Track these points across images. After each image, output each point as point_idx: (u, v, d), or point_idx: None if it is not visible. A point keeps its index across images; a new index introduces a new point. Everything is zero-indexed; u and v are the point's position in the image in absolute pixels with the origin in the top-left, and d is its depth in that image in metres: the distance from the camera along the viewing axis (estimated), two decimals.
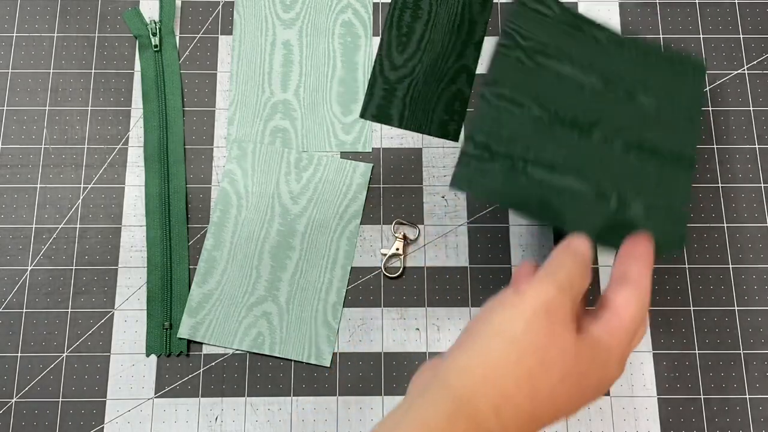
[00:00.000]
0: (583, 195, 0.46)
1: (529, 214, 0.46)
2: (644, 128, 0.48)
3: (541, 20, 0.49)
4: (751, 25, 0.55)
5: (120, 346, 0.48)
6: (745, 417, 0.47)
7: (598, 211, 0.46)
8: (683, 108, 0.48)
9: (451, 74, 0.50)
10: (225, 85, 0.54)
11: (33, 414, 0.47)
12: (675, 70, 0.49)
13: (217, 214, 0.50)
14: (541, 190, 0.46)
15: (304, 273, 0.49)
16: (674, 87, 0.48)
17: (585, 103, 0.47)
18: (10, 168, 0.51)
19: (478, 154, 0.46)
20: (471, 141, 0.47)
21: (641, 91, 0.48)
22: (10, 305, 0.49)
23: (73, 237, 0.50)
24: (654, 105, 0.48)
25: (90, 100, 0.53)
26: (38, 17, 0.55)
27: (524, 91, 0.48)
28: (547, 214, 0.46)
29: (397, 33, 0.51)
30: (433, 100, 0.50)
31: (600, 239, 0.45)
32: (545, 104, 0.47)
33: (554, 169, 0.47)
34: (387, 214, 0.51)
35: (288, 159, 0.52)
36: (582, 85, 0.48)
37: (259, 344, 0.48)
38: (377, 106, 0.50)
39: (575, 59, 0.48)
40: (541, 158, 0.47)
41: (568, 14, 0.49)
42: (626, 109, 0.48)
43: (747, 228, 0.50)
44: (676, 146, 0.47)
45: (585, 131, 0.47)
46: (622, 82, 0.48)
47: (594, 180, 0.46)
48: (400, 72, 0.50)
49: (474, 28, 0.51)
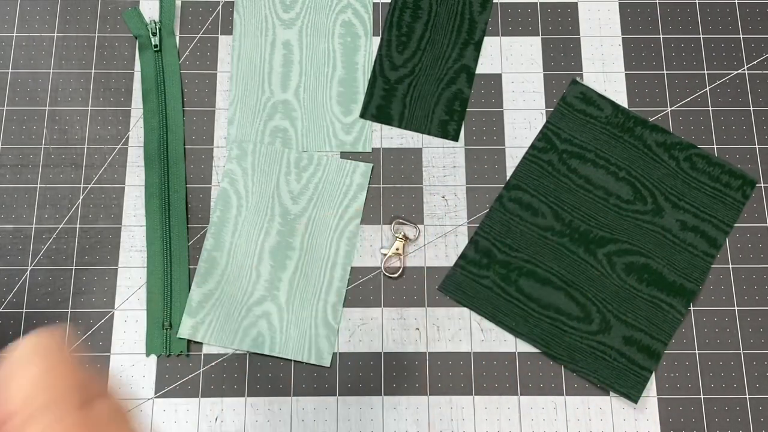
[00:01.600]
0: (567, 314, 0.47)
1: (509, 329, 0.47)
2: (657, 251, 0.47)
3: (586, 122, 0.49)
4: (751, 25, 0.55)
5: (120, 346, 0.48)
6: (745, 417, 0.47)
7: (577, 332, 0.47)
8: (710, 230, 0.48)
9: (451, 74, 0.51)
10: (225, 85, 0.54)
11: None
12: (718, 186, 0.48)
13: (217, 214, 0.50)
14: (527, 306, 0.47)
15: (304, 273, 0.49)
16: (711, 206, 0.48)
17: (605, 216, 0.48)
18: (10, 168, 0.51)
19: (477, 260, 0.48)
20: (473, 245, 0.48)
21: (672, 207, 0.48)
22: (10, 305, 0.49)
23: (73, 237, 0.50)
24: (679, 225, 0.48)
25: (90, 100, 0.53)
26: (38, 17, 0.55)
27: (544, 198, 0.48)
28: (527, 332, 0.47)
29: (397, 33, 0.51)
30: (433, 100, 0.50)
31: (569, 360, 0.46)
32: (562, 214, 0.48)
33: (547, 284, 0.47)
34: (387, 214, 0.51)
35: (288, 159, 0.52)
36: (609, 194, 0.48)
37: (259, 344, 0.48)
38: (377, 106, 0.50)
39: (612, 165, 0.48)
40: (537, 272, 0.48)
41: (622, 116, 0.49)
42: (646, 227, 0.47)
43: (747, 228, 0.50)
44: (682, 276, 0.47)
45: (592, 248, 0.47)
46: (655, 194, 0.48)
47: (584, 301, 0.47)
48: (400, 72, 0.50)
49: (474, 27, 0.51)
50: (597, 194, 0.48)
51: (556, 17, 0.55)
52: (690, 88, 0.54)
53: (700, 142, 0.52)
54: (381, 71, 0.50)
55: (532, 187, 0.48)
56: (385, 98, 0.50)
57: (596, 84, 0.53)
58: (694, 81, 0.54)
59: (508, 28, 0.54)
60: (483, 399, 0.47)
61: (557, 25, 0.55)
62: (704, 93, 0.54)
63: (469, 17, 0.51)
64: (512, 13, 0.55)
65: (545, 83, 0.54)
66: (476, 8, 0.51)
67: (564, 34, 0.55)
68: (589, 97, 0.50)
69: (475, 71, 0.50)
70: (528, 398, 0.47)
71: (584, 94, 0.50)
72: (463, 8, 0.51)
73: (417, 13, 0.51)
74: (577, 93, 0.50)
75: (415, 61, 0.51)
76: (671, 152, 0.49)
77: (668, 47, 0.55)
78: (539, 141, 0.49)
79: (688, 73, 0.54)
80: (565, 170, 0.48)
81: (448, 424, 0.47)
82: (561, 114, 0.49)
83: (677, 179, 0.48)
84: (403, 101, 0.50)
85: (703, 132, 0.53)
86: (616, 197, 0.48)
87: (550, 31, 0.55)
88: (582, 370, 0.46)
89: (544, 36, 0.54)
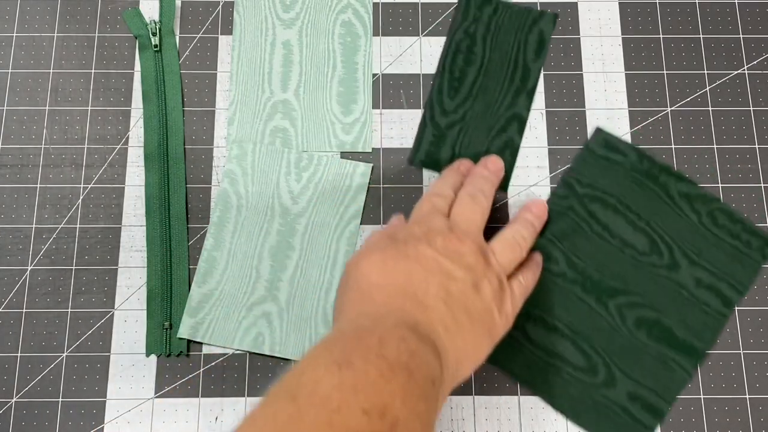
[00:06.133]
0: (572, 365, 0.46)
1: (512, 375, 0.47)
2: (670, 307, 0.46)
3: (608, 167, 0.48)
4: (751, 25, 0.55)
5: (120, 346, 0.48)
6: (745, 417, 0.47)
7: (582, 384, 0.46)
8: (726, 289, 0.47)
9: (503, 122, 0.49)
10: (225, 85, 0.54)
11: (33, 414, 0.47)
12: (738, 244, 0.47)
13: (217, 214, 0.50)
14: (533, 354, 0.46)
15: (304, 273, 0.49)
16: (728, 265, 0.47)
17: (620, 267, 0.47)
18: (10, 168, 0.51)
19: None
20: None
21: (689, 263, 0.47)
22: (10, 305, 0.49)
23: (73, 237, 0.50)
24: (694, 282, 0.46)
25: (90, 100, 0.53)
26: (38, 17, 0.55)
27: (560, 244, 0.47)
28: (530, 379, 0.46)
29: (450, 77, 0.49)
30: (483, 149, 0.48)
31: (572, 412, 0.45)
32: (576, 262, 0.47)
33: (554, 332, 0.46)
34: (387, 214, 0.51)
35: (288, 159, 0.52)
36: (626, 244, 0.47)
37: (259, 344, 0.48)
38: (426, 152, 0.49)
39: (633, 213, 0.47)
40: (545, 318, 0.46)
41: (646, 162, 0.48)
42: (661, 281, 0.46)
43: None
44: (693, 335, 0.46)
45: (604, 299, 0.46)
46: (673, 248, 0.47)
47: (591, 352, 0.46)
48: (450, 117, 0.49)
49: (527, 75, 0.49)
50: (614, 243, 0.47)
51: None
52: (690, 88, 0.54)
53: (700, 142, 0.52)
54: (431, 116, 0.49)
55: (549, 233, 0.47)
56: (435, 144, 0.48)
57: (596, 84, 0.53)
58: (694, 81, 0.54)
59: None
60: (483, 399, 0.47)
61: (557, 25, 0.55)
62: (704, 93, 0.54)
63: (523, 64, 0.49)
64: None
65: (545, 83, 0.54)
66: (530, 55, 0.49)
67: (564, 34, 0.55)
68: (613, 144, 0.49)
69: (527, 120, 0.49)
70: (528, 398, 0.47)
71: (608, 141, 0.49)
72: (516, 54, 0.49)
73: (470, 57, 0.49)
74: (600, 140, 0.49)
75: (467, 107, 0.49)
76: (694, 205, 0.47)
77: (668, 47, 0.55)
78: (560, 188, 0.48)
79: (688, 73, 0.54)
80: (585, 214, 0.47)
81: (448, 424, 0.47)
82: (584, 161, 0.48)
83: (697, 234, 0.47)
84: (453, 148, 0.48)
85: (703, 132, 0.53)
86: (633, 248, 0.47)
87: None
88: (585, 426, 0.45)
89: None
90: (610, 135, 0.50)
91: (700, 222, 0.47)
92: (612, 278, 0.46)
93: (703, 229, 0.47)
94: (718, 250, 0.47)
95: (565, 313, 0.46)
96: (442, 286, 0.38)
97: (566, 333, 0.46)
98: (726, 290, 0.47)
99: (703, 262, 0.47)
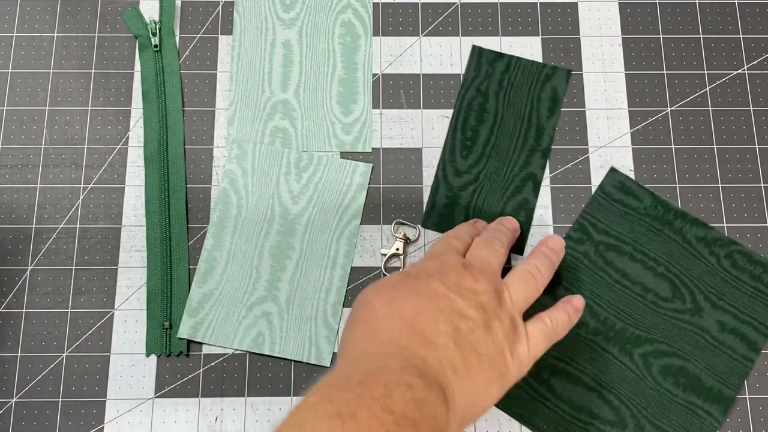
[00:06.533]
0: (600, 418, 0.44)
1: (537, 431, 0.45)
2: (695, 353, 0.45)
3: (624, 213, 0.47)
4: (751, 25, 0.55)
5: (120, 346, 0.48)
6: (745, 417, 0.47)
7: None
8: (750, 332, 0.46)
9: (517, 182, 0.48)
10: (225, 85, 0.54)
11: (33, 414, 0.47)
12: (759, 285, 0.46)
13: (217, 214, 0.50)
14: (558, 408, 0.44)
15: (304, 273, 0.49)
16: (751, 307, 0.46)
17: (642, 314, 0.46)
18: (10, 168, 0.51)
19: None
20: None
21: (711, 306, 0.46)
22: (10, 305, 0.49)
23: (73, 237, 0.50)
24: (718, 326, 0.46)
25: (90, 100, 0.53)
26: (38, 17, 0.55)
27: (579, 293, 0.46)
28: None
29: (462, 136, 0.48)
30: (498, 210, 0.48)
31: None
32: (597, 310, 0.46)
33: (579, 384, 0.45)
34: (387, 214, 0.51)
35: (288, 159, 0.52)
36: (647, 290, 0.46)
37: (259, 344, 0.48)
38: (439, 214, 0.48)
39: (651, 259, 0.46)
40: (568, 371, 0.45)
41: (661, 207, 0.47)
42: (684, 327, 0.46)
43: (747, 228, 0.50)
44: (720, 381, 0.45)
45: (628, 348, 0.45)
46: (694, 292, 0.46)
47: (617, 404, 0.44)
48: (463, 178, 0.48)
49: (541, 133, 0.49)
50: (634, 290, 0.46)
51: (556, 17, 0.55)
52: (690, 88, 0.54)
53: (700, 142, 0.52)
54: (444, 177, 0.48)
55: (566, 280, 0.46)
56: (448, 206, 0.47)
57: (596, 84, 0.53)
58: (694, 81, 0.54)
59: (508, 28, 0.54)
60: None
61: (557, 25, 0.55)
62: (704, 93, 0.54)
63: (537, 122, 0.49)
64: (512, 13, 0.55)
65: None
66: (544, 113, 0.49)
67: (564, 34, 0.55)
68: (628, 187, 0.48)
69: (542, 180, 0.48)
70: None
71: (623, 183, 0.48)
72: (530, 113, 0.48)
73: (482, 116, 0.49)
74: (615, 182, 0.48)
75: (480, 167, 0.48)
76: (712, 248, 0.47)
77: (668, 47, 0.55)
78: (575, 231, 0.47)
79: (688, 73, 0.54)
80: (601, 263, 0.46)
81: None
82: (598, 203, 0.47)
83: (717, 277, 0.46)
84: (467, 210, 0.47)
85: (703, 132, 0.53)
86: (654, 294, 0.46)
87: (550, 31, 0.55)
88: None
89: (544, 36, 0.54)
90: (625, 177, 0.49)
91: (720, 265, 0.47)
92: (635, 326, 0.45)
93: (723, 272, 0.46)
94: (740, 292, 0.46)
95: (590, 364, 0.45)
96: (452, 324, 0.36)
97: (592, 385, 0.45)
98: (750, 333, 0.46)
99: (726, 305, 0.46)
